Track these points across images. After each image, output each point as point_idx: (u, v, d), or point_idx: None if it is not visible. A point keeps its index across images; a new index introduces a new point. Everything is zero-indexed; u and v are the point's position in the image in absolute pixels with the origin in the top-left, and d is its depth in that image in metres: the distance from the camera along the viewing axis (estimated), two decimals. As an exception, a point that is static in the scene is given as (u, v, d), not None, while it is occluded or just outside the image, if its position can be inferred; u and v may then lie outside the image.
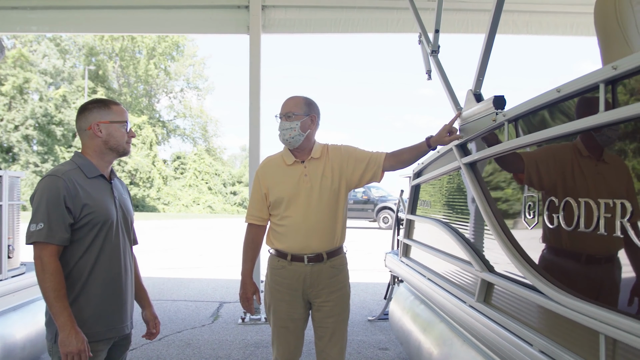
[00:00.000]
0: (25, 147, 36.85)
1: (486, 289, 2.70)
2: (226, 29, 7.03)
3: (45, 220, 2.14)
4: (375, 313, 6.58)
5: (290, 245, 2.90)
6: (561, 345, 1.96)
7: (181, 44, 43.27)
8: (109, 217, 2.30)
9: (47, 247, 2.14)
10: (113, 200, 2.36)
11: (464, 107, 3.14)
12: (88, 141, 2.34)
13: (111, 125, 2.33)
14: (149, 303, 2.63)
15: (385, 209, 23.27)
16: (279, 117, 2.96)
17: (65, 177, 2.20)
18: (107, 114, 2.34)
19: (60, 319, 2.10)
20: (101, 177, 2.35)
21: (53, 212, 2.14)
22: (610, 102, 1.68)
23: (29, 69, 37.74)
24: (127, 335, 2.47)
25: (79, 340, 2.11)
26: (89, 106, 2.36)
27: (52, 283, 2.11)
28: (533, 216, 2.19)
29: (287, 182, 2.91)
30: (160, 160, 41.55)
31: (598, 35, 2.35)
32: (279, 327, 2.97)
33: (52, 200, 2.15)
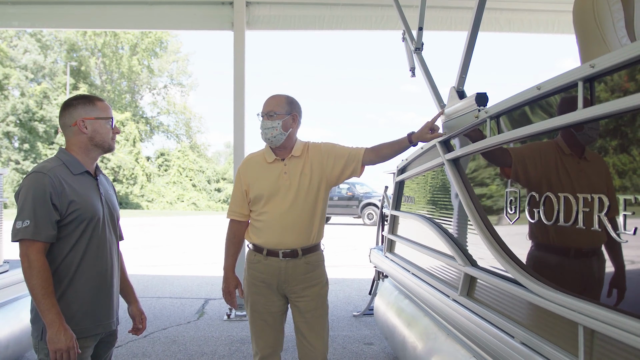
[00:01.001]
0: (6, 144, 36.38)
1: (469, 283, 2.74)
2: (210, 25, 7.00)
3: (31, 218, 2.12)
4: (360, 308, 6.62)
5: (267, 240, 2.96)
6: (542, 337, 2.00)
7: (164, 40, 42.97)
8: (96, 214, 2.30)
9: (34, 244, 2.13)
10: (99, 197, 2.36)
11: (447, 104, 3.19)
12: (73, 137, 2.33)
13: (96, 122, 2.33)
14: (135, 298, 2.64)
15: (369, 205, 23.34)
16: (261, 115, 2.98)
17: (50, 173, 2.19)
18: (92, 110, 2.33)
19: (49, 316, 2.10)
20: (87, 174, 2.35)
21: (39, 209, 2.13)
22: (589, 99, 1.72)
23: (9, 64, 37.23)
24: (114, 332, 2.48)
25: (67, 337, 2.11)
26: (73, 102, 2.35)
27: (40, 280, 2.10)
28: (515, 211, 2.24)
29: (267, 180, 2.97)
30: (143, 157, 41.27)
31: (577, 33, 2.39)
32: (257, 321, 3.02)
33: (38, 197, 2.14)
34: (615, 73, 1.62)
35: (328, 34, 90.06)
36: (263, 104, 3.01)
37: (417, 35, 3.96)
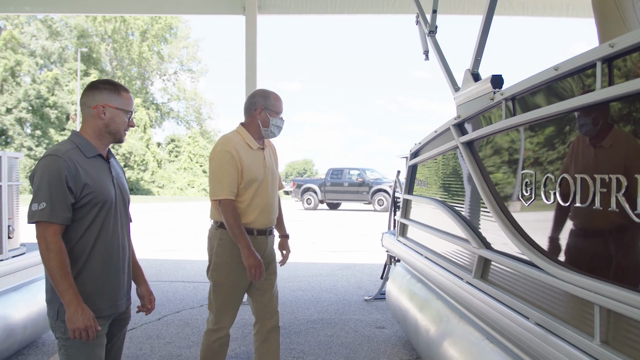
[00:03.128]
0: (18, 130, 36.63)
1: (483, 265, 2.75)
2: (221, 9, 6.99)
3: (47, 200, 2.14)
4: (372, 293, 6.65)
5: (258, 221, 3.25)
6: (557, 317, 2.01)
7: (174, 26, 42.94)
8: (109, 197, 2.33)
9: (50, 226, 2.14)
10: (111, 180, 2.38)
11: (462, 87, 3.17)
12: (89, 119, 2.34)
13: (116, 111, 2.34)
14: (144, 279, 2.66)
15: (380, 192, 23.34)
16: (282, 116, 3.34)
17: (65, 156, 2.20)
18: (116, 99, 2.34)
19: (67, 297, 2.13)
20: (99, 157, 2.36)
21: (55, 191, 2.15)
22: (607, 79, 1.71)
23: (21, 51, 37.38)
24: (126, 311, 2.52)
25: (85, 316, 2.14)
26: (100, 86, 2.36)
27: (57, 262, 2.12)
28: (530, 193, 2.23)
29: (257, 165, 3.24)
30: (154, 143, 41.45)
31: (595, 14, 2.37)
32: (235, 295, 3.27)
33: (54, 179, 2.15)
34: (635, 53, 1.61)
35: (338, 19, 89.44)
36: (281, 103, 3.33)
37: (431, 18, 3.93)
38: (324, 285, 7.28)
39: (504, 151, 2.60)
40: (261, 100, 3.27)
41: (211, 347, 3.28)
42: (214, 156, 3.20)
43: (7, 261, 4.05)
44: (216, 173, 3.16)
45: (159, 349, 4.52)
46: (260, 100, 3.27)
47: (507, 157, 2.56)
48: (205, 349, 3.30)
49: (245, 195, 3.18)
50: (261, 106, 3.25)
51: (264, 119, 3.25)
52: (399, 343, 4.72)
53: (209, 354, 3.29)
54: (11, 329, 3.94)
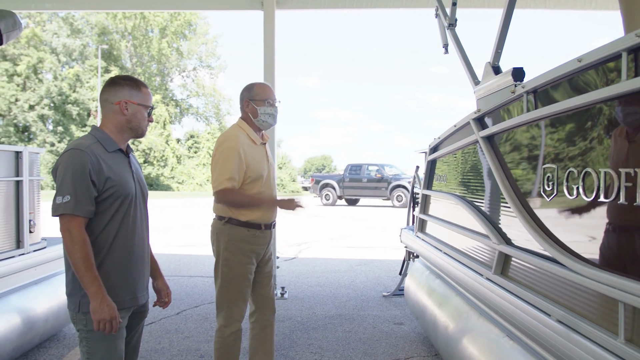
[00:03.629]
0: (41, 126, 37.14)
1: (503, 261, 2.70)
2: (240, 4, 6.98)
3: (71, 193, 2.16)
4: (390, 289, 6.62)
5: (265, 216, 3.30)
6: (579, 314, 1.97)
7: (193, 23, 43.12)
8: (130, 191, 2.35)
9: (75, 219, 2.17)
10: (131, 174, 2.41)
11: (482, 80, 3.12)
12: (111, 115, 2.37)
13: (138, 107, 2.38)
14: (160, 273, 2.69)
15: (399, 187, 23.23)
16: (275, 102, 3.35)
17: (88, 150, 2.23)
18: (137, 95, 2.38)
19: (92, 288, 2.15)
20: (119, 152, 2.39)
21: (79, 184, 2.18)
22: (634, 70, 1.66)
23: (43, 48, 37.87)
24: (145, 305, 2.54)
25: (110, 307, 2.17)
26: (121, 82, 2.39)
27: (82, 254, 2.15)
28: (552, 188, 2.19)
29: (261, 162, 3.31)
30: (173, 139, 41.73)
31: (621, 4, 2.31)
32: (246, 288, 3.30)
33: (78, 173, 2.18)
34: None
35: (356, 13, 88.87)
36: (267, 90, 3.34)
37: (451, 11, 3.88)
38: (342, 281, 7.27)
39: (525, 145, 2.55)
40: (245, 93, 3.33)
41: (225, 342, 3.29)
42: (221, 152, 3.20)
43: (28, 255, 4.11)
44: (221, 167, 3.17)
45: (177, 343, 4.55)
46: (245, 94, 3.33)
47: (528, 152, 2.51)
48: (219, 346, 3.30)
49: (252, 191, 3.24)
50: (247, 99, 3.31)
51: (252, 110, 3.29)
52: (418, 339, 4.69)
53: (224, 350, 3.29)
54: (33, 321, 3.98)
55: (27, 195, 4.07)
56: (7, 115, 36.34)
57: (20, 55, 36.36)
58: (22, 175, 4.02)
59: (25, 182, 4.05)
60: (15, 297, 3.91)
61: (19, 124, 36.96)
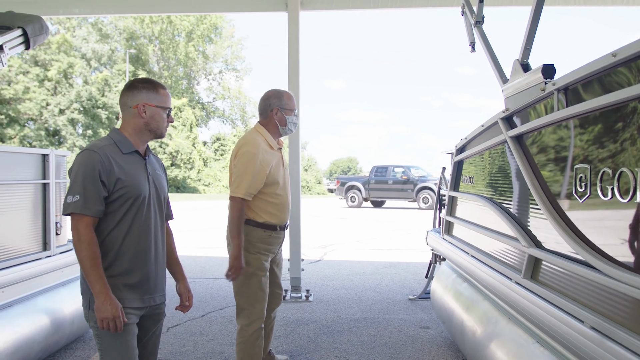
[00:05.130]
0: (70, 130, 37.81)
1: (533, 265, 2.62)
2: (264, 6, 6.97)
3: (81, 193, 2.21)
4: (416, 292, 6.53)
5: (281, 218, 3.47)
6: (614, 321, 1.88)
7: (219, 26, 43.50)
8: (141, 192, 2.37)
9: (83, 218, 2.21)
10: (146, 176, 2.43)
11: (510, 78, 3.04)
12: (130, 118, 2.40)
13: (156, 109, 2.40)
14: (182, 276, 2.70)
15: (425, 189, 23.01)
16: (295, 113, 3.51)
17: (100, 151, 2.27)
18: (155, 97, 2.40)
19: (96, 287, 2.19)
20: (136, 153, 2.41)
21: (89, 185, 2.22)
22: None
23: (73, 54, 38.59)
24: (159, 306, 2.52)
25: (113, 306, 2.20)
26: (138, 85, 2.42)
27: (88, 252, 2.19)
28: (584, 189, 2.10)
29: (278, 166, 3.44)
30: (200, 142, 42.12)
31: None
32: (265, 284, 3.44)
33: (88, 173, 2.23)
34: None
35: (381, 14, 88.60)
36: (293, 101, 3.53)
37: (478, 8, 3.80)
38: (368, 284, 7.20)
39: (556, 145, 2.46)
40: (276, 101, 3.45)
41: (249, 341, 3.35)
42: (242, 156, 3.32)
43: (55, 257, 4.15)
44: (241, 173, 3.29)
45: (202, 345, 4.54)
46: (275, 101, 3.45)
47: (559, 151, 2.42)
48: (242, 347, 3.35)
49: (268, 194, 3.37)
50: (277, 107, 3.44)
51: (280, 119, 3.45)
52: (444, 344, 4.60)
53: (247, 349, 3.34)
54: (59, 323, 4.02)
55: (53, 198, 4.11)
56: (38, 119, 37.08)
57: (51, 60, 37.09)
58: (48, 178, 4.06)
59: (51, 184, 4.09)
60: (42, 298, 3.94)
61: (49, 127, 37.68)
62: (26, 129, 36.68)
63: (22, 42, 4.31)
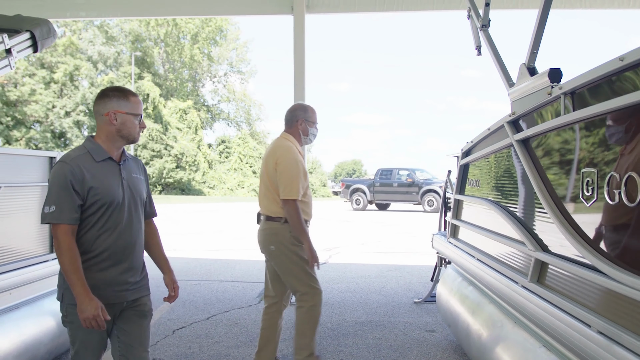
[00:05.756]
0: (76, 132, 37.96)
1: (540, 269, 2.61)
2: (270, 9, 6.99)
3: (56, 203, 2.34)
4: (421, 295, 6.53)
5: (309, 214, 3.87)
6: (622, 325, 1.88)
7: (224, 29, 43.62)
8: (115, 198, 2.48)
9: (60, 226, 2.34)
10: (120, 181, 2.53)
11: (517, 82, 3.04)
12: (103, 125, 2.51)
13: (127, 116, 2.50)
14: (169, 269, 2.83)
15: (430, 192, 23.01)
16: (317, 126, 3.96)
17: (72, 162, 2.39)
18: (125, 105, 2.50)
19: (76, 289, 2.31)
20: (110, 160, 2.52)
21: (62, 195, 2.35)
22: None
23: (79, 56, 38.76)
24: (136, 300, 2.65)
25: (93, 306, 2.31)
26: (109, 93, 2.52)
27: (67, 257, 2.31)
28: (592, 193, 2.10)
29: (306, 169, 3.85)
30: (205, 144, 42.19)
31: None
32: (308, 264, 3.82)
33: (61, 184, 2.35)
34: None
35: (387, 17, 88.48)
36: (316, 114, 3.94)
37: (484, 12, 3.80)
38: (373, 287, 7.20)
39: (563, 149, 2.46)
40: (301, 113, 3.87)
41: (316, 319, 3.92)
42: (287, 163, 3.68)
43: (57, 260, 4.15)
44: (291, 177, 3.65)
45: (207, 348, 4.55)
46: (301, 113, 3.87)
47: (565, 155, 2.42)
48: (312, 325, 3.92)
49: (304, 194, 3.76)
50: (302, 118, 3.85)
51: (304, 129, 3.86)
52: (450, 347, 4.59)
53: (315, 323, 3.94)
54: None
55: (58, 201, 4.12)
56: (44, 121, 37.25)
57: (58, 62, 37.28)
58: (54, 181, 4.07)
59: (57, 187, 4.10)
60: (49, 300, 3.95)
61: (55, 130, 37.86)
62: (32, 131, 36.85)
63: (30, 46, 4.33)
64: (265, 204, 3.81)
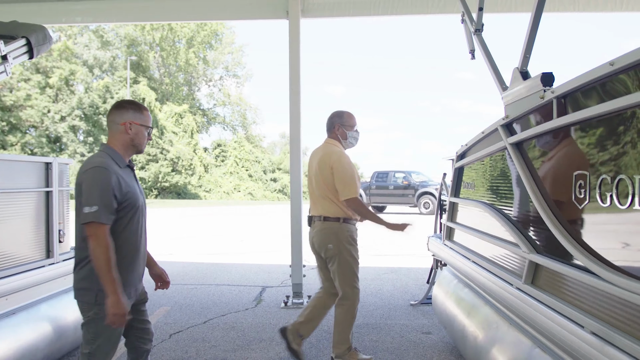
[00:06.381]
0: (72, 137, 37.86)
1: (534, 270, 2.64)
2: (265, 14, 6.99)
3: (98, 204, 2.49)
4: (417, 297, 6.54)
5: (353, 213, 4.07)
6: (615, 327, 1.90)
7: (219, 32, 43.60)
8: (138, 201, 2.72)
9: (100, 226, 2.49)
10: (138, 187, 2.79)
11: (510, 86, 3.07)
12: (118, 134, 2.73)
13: (140, 127, 2.75)
14: (154, 262, 3.09)
15: (426, 194, 23.02)
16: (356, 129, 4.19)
17: (110, 169, 2.58)
18: (140, 117, 2.75)
19: (111, 287, 2.46)
20: (127, 167, 2.75)
21: (104, 197, 2.51)
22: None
23: (74, 61, 38.69)
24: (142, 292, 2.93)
25: (124, 304, 2.50)
26: (126, 105, 2.77)
27: (106, 256, 2.46)
28: (584, 195, 2.12)
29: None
30: (201, 148, 42.12)
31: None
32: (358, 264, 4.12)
33: (103, 187, 2.52)
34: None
35: (382, 20, 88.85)
36: (353, 118, 4.16)
37: (477, 16, 3.83)
38: (369, 289, 7.21)
39: (556, 152, 2.49)
40: (337, 119, 4.12)
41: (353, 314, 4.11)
42: (342, 165, 3.96)
43: (58, 264, 4.16)
44: (349, 178, 3.95)
45: (204, 352, 4.55)
46: (337, 119, 4.12)
47: (559, 158, 2.45)
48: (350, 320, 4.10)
49: None
50: (338, 124, 4.10)
51: (342, 134, 4.10)
52: (446, 349, 4.61)
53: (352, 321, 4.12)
54: (63, 330, 4.03)
55: (56, 206, 4.13)
56: (39, 126, 37.15)
57: (53, 67, 37.19)
58: (51, 186, 4.08)
59: (55, 192, 4.11)
60: (46, 306, 3.96)
61: (50, 135, 37.74)
62: (27, 136, 36.72)
63: (26, 52, 4.34)
64: (321, 207, 4.06)
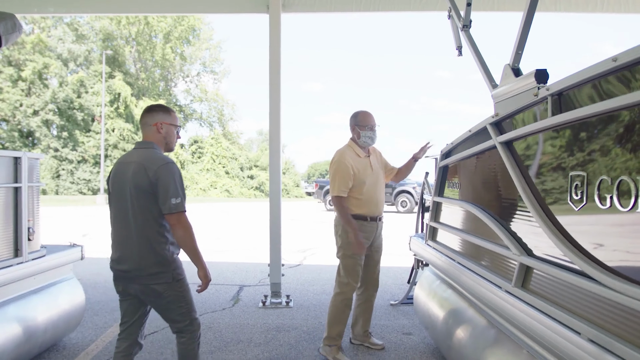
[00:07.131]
0: (45, 131, 37.11)
1: (525, 273, 2.56)
2: (245, 8, 6.85)
3: (181, 195, 2.91)
4: (397, 297, 6.48)
5: (370, 211, 4.36)
6: (613, 333, 1.83)
7: (197, 28, 43.16)
8: None
9: (184, 214, 2.93)
10: None
11: (500, 83, 2.99)
12: (151, 134, 3.08)
13: (170, 127, 3.12)
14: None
15: (403, 193, 23.08)
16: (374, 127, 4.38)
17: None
18: (169, 118, 3.12)
19: (202, 261, 3.04)
20: None
21: (182, 189, 2.94)
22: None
23: (48, 54, 37.92)
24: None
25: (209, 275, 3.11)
26: (156, 108, 3.13)
27: (193, 237, 2.98)
28: (580, 196, 2.05)
29: (365, 169, 4.32)
30: (177, 144, 41.72)
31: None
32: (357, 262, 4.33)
33: (180, 180, 2.94)
34: None
35: (362, 17, 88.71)
36: (368, 118, 4.37)
37: (465, 12, 3.74)
38: (349, 289, 7.11)
39: (550, 151, 2.41)
40: (352, 119, 4.41)
41: (337, 307, 4.33)
42: (333, 165, 4.29)
43: (27, 264, 3.95)
44: (332, 177, 4.27)
45: (180, 354, 4.40)
46: (352, 120, 4.41)
47: (553, 158, 2.37)
48: (332, 310, 4.35)
49: (358, 192, 4.27)
50: (353, 124, 4.39)
51: (357, 134, 4.37)
52: (428, 351, 4.54)
53: (335, 313, 4.32)
54: (32, 332, 3.86)
55: (26, 202, 3.93)
56: (11, 120, 36.34)
57: (26, 60, 36.41)
58: (20, 182, 3.89)
59: (24, 188, 3.91)
60: (14, 306, 3.78)
61: (23, 129, 36.96)
62: (-1, 130, 35.94)
63: (-6, 40, 4.14)
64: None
